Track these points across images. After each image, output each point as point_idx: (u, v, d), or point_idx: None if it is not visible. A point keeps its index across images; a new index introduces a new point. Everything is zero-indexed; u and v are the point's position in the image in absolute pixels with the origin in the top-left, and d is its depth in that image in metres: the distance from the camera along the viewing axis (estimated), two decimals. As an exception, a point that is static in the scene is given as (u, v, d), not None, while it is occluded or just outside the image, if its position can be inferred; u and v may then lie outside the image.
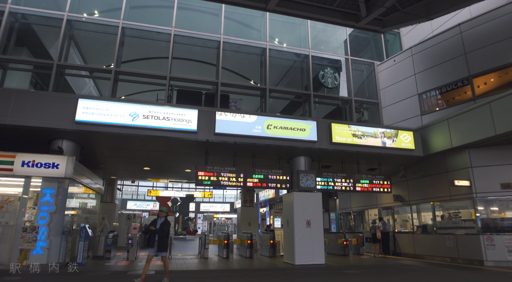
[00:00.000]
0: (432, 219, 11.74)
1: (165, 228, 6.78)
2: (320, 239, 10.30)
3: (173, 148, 10.17)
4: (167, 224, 6.89)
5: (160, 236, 6.65)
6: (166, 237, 6.82)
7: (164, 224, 6.81)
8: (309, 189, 10.59)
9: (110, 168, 12.79)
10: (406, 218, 13.28)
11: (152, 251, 6.74)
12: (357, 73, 16.40)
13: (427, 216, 12.29)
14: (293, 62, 15.51)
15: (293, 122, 10.23)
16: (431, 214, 11.91)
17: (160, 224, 6.79)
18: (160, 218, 6.91)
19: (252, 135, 9.63)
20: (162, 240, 6.71)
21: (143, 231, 7.28)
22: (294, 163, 11.12)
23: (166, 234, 6.84)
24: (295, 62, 15.46)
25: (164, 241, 6.75)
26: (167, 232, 6.85)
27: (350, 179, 11.68)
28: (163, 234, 6.70)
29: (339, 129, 10.67)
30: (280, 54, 14.70)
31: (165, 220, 6.90)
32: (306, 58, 14.70)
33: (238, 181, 10.31)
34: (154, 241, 6.69)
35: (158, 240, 6.66)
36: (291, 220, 10.32)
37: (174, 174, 13.96)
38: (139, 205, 37.87)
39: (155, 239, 6.68)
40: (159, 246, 6.67)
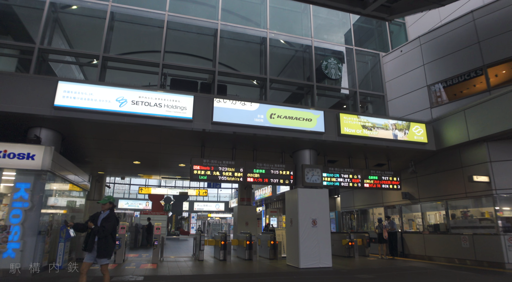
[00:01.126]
0: (445, 218, 10.94)
1: (107, 226, 4.90)
2: (327, 240, 9.42)
3: (165, 139, 9.19)
4: (112, 219, 5.04)
5: (100, 237, 4.87)
6: (110, 238, 5.02)
7: (107, 220, 4.97)
8: (315, 185, 9.71)
9: (97, 162, 11.75)
10: (415, 217, 12.47)
11: (89, 257, 4.94)
12: (361, 65, 15.57)
13: (439, 215, 11.50)
14: (295, 52, 14.64)
15: (298, 111, 9.34)
16: (443, 213, 11.11)
17: (101, 220, 4.99)
18: (104, 211, 5.14)
19: (254, 125, 8.71)
20: (104, 242, 4.91)
21: (70, 226, 5.39)
22: (298, 157, 10.22)
23: (111, 234, 5.04)
24: (297, 52, 14.58)
25: (106, 244, 4.94)
26: (110, 230, 4.97)
27: (358, 174, 10.83)
28: (103, 234, 4.86)
29: (347, 120, 9.80)
30: (280, 43, 13.81)
31: (109, 215, 5.09)
32: (308, 47, 13.83)
33: (237, 176, 9.38)
34: (93, 243, 4.88)
35: (98, 243, 4.87)
36: (295, 219, 9.42)
37: (167, 170, 12.96)
38: (131, 204, 36.68)
39: (94, 240, 4.89)
40: (100, 250, 4.87)
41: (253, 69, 13.65)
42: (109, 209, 5.19)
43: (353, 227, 16.14)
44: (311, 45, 13.76)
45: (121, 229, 10.32)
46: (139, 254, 12.70)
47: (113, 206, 5.30)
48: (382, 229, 11.77)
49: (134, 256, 11.92)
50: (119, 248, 9.85)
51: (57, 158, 8.03)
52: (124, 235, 10.16)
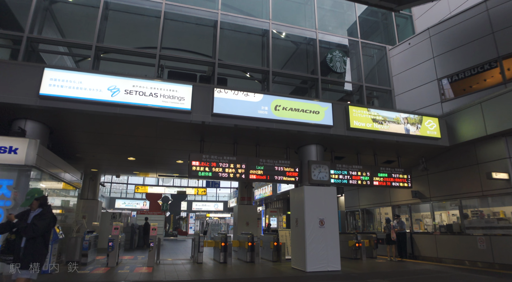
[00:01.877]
0: (459, 217, 10.33)
1: (40, 224, 3.82)
2: (335, 241, 8.79)
3: (162, 133, 8.53)
4: (46, 217, 3.96)
5: (28, 237, 3.79)
6: (41, 241, 3.91)
7: (40, 218, 3.91)
8: (322, 183, 9.08)
9: (89, 159, 11.06)
10: (426, 217, 11.86)
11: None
12: (366, 59, 14.95)
13: (451, 215, 10.89)
14: (298, 45, 14.00)
15: (305, 103, 8.70)
16: (456, 212, 10.51)
17: (32, 218, 3.92)
18: (32, 210, 4.02)
19: (257, 117, 8.07)
20: (32, 244, 3.82)
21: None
22: (303, 153, 9.58)
23: (43, 237, 3.94)
24: (300, 44, 13.95)
25: (34, 248, 3.82)
26: (43, 230, 3.87)
27: (367, 172, 10.21)
28: (33, 233, 3.77)
29: (357, 113, 9.18)
30: (283, 35, 13.17)
31: (42, 212, 4.01)
32: (312, 40, 13.20)
33: (239, 173, 8.74)
34: (20, 248, 3.76)
35: (25, 247, 3.78)
36: (301, 219, 8.79)
37: (164, 167, 12.29)
38: (128, 204, 36.01)
39: (20, 244, 3.77)
40: (25, 257, 3.74)
41: (255, 62, 13.02)
42: (40, 205, 4.08)
43: (358, 228, 15.53)
44: (315, 37, 13.13)
45: (115, 230, 9.66)
46: (135, 256, 12.04)
47: (43, 202, 4.13)
48: (390, 229, 11.11)
49: (129, 258, 11.26)
50: (112, 250, 9.19)
51: (43, 152, 7.36)
52: (117, 236, 9.49)
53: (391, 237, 11.17)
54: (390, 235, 11.19)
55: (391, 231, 11.14)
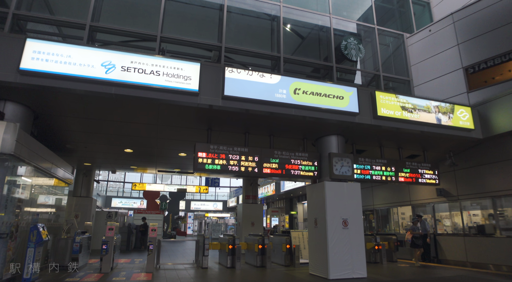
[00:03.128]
0: (492, 217, 9.32)
1: None
2: (360, 244, 7.75)
3: (164, 120, 7.44)
4: None
5: None
6: None
7: None
8: (345, 178, 8.03)
9: (81, 150, 9.93)
10: (452, 217, 10.83)
11: None
12: (381, 48, 13.91)
13: (483, 215, 9.87)
14: (310, 30, 12.94)
15: (328, 87, 7.65)
16: (489, 212, 9.50)
17: None
18: None
19: (274, 102, 7.00)
20: None
21: None
22: (322, 145, 8.53)
23: None
24: (312, 30, 12.89)
25: None
26: None
27: (392, 167, 9.18)
28: None
29: (384, 99, 8.14)
30: (294, 19, 12.11)
31: None
32: (325, 25, 12.16)
33: (251, 167, 7.67)
34: None
35: None
36: (321, 219, 7.73)
37: (165, 160, 11.17)
38: (125, 203, 34.82)
39: None
40: None
41: (264, 48, 11.96)
42: None
43: (372, 229, 14.49)
44: (328, 21, 12.08)
45: (109, 230, 8.57)
46: (131, 260, 10.94)
47: None
48: (417, 230, 9.92)
49: (125, 262, 10.16)
50: (106, 253, 8.10)
51: (25, 139, 6.25)
52: (112, 237, 8.40)
53: (419, 239, 9.85)
54: (419, 237, 9.85)
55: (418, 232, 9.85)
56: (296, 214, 28.29)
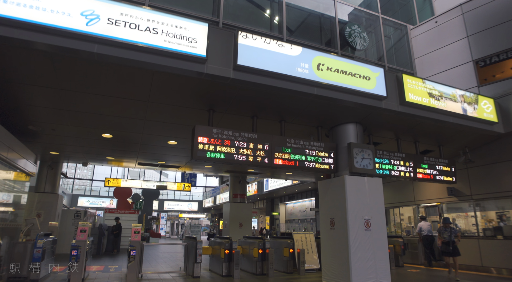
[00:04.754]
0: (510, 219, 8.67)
1: None
2: (384, 248, 6.73)
3: (157, 94, 6.01)
4: None
5: None
6: None
7: None
8: (366, 172, 6.98)
9: (47, 134, 8.15)
10: (464, 218, 10.14)
11: None
12: (384, 39, 13.15)
13: (498, 216, 9.22)
14: (308, 15, 11.88)
15: (353, 65, 6.57)
16: (509, 213, 8.85)
17: None
18: None
19: (296, 77, 5.80)
20: None
21: None
22: (338, 134, 7.44)
23: None
24: (310, 15, 11.84)
25: None
26: None
27: (410, 162, 8.26)
28: None
29: (412, 83, 7.19)
30: (294, 3, 11.02)
31: None
32: (328, 9, 11.16)
33: (261, 156, 6.42)
34: None
35: None
36: (340, 219, 6.63)
37: (149, 150, 9.54)
38: (93, 202, 32.23)
39: None
40: None
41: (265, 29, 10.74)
42: None
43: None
44: (333, 5, 11.09)
45: (81, 232, 6.99)
46: (105, 267, 9.30)
47: None
48: (451, 233, 7.97)
49: (98, 270, 8.54)
50: (77, 261, 6.52)
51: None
52: (85, 241, 6.83)
53: (450, 244, 7.91)
54: (450, 242, 7.90)
55: (450, 236, 8.22)
56: (278, 215, 27.25)
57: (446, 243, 7.92)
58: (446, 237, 7.92)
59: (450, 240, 7.85)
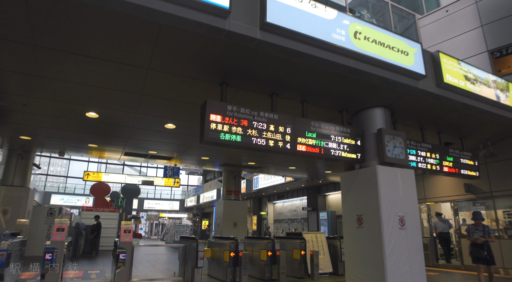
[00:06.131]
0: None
1: None
2: (419, 249, 5.86)
3: (161, 60, 4.86)
4: None
5: None
6: None
7: None
8: (398, 163, 6.11)
9: (17, 111, 6.70)
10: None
11: None
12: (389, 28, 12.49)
13: None
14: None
15: (391, 37, 5.66)
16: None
17: None
18: None
19: (332, 44, 4.81)
20: None
21: None
22: (364, 120, 6.53)
23: None
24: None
25: None
26: None
27: (436, 153, 7.48)
28: None
29: (448, 64, 6.38)
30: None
31: None
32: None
33: (282, 141, 5.39)
34: None
35: None
36: (371, 216, 5.71)
37: (140, 137, 8.15)
38: (67, 200, 30.10)
39: None
40: None
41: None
42: None
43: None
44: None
45: (57, 231, 5.72)
46: (84, 272, 7.97)
47: None
48: (487, 233, 6.57)
49: (76, 277, 7.22)
50: (51, 267, 5.25)
51: None
52: (62, 242, 5.56)
53: (484, 248, 6.47)
54: (483, 245, 6.47)
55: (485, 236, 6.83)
56: (266, 215, 26.27)
57: (479, 246, 6.49)
58: (477, 238, 6.53)
59: (484, 243, 6.46)
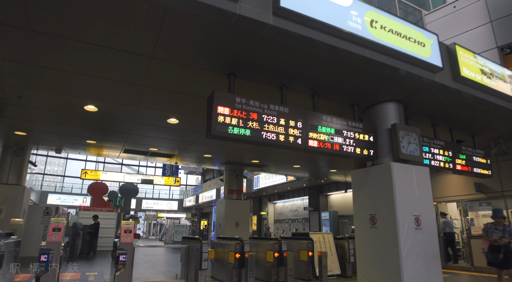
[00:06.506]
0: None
1: None
2: (435, 251, 5.58)
3: (165, 47, 4.55)
4: None
5: None
6: None
7: None
8: (413, 160, 5.83)
9: (12, 104, 6.32)
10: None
11: None
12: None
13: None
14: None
15: (407, 26, 5.38)
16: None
17: None
18: None
19: (347, 32, 4.52)
20: None
21: None
22: (376, 115, 6.24)
23: None
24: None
25: None
26: None
27: (449, 151, 7.21)
28: None
29: (464, 56, 6.11)
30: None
31: None
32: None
33: (293, 135, 5.10)
34: None
35: None
36: (386, 215, 5.42)
37: (140, 132, 7.80)
38: (64, 200, 29.65)
39: None
40: None
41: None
42: None
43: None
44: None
45: (53, 232, 5.40)
46: (82, 274, 7.65)
47: None
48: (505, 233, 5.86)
49: (73, 279, 6.89)
50: (46, 270, 4.93)
51: None
52: (58, 243, 5.24)
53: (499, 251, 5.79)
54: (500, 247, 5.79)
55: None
56: (267, 215, 25.97)
57: (495, 249, 5.81)
58: (497, 238, 5.81)
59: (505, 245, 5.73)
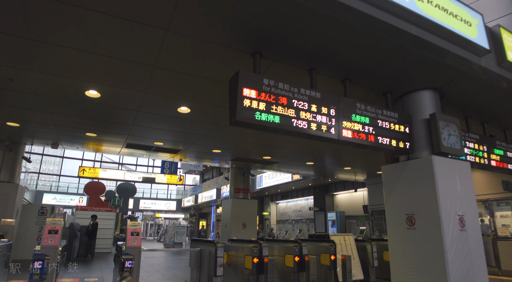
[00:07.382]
0: None
1: None
2: (481, 254, 4.99)
3: (181, 19, 3.91)
4: None
5: None
6: None
7: None
8: (455, 153, 5.23)
9: (3, 89, 5.71)
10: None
11: None
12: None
13: None
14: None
15: (453, 3, 4.78)
16: None
17: None
18: None
19: (396, 3, 3.92)
20: None
21: None
22: (411, 104, 5.65)
23: None
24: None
25: None
26: None
27: (484, 145, 6.64)
28: None
29: (509, 40, 5.53)
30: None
31: None
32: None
33: (326, 124, 4.48)
34: None
35: None
36: (426, 215, 4.82)
37: (146, 124, 7.16)
38: (60, 200, 28.91)
39: None
40: None
41: None
42: None
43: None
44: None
45: (49, 234, 4.73)
46: (80, 280, 6.96)
47: None
48: None
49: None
50: (41, 278, 4.26)
51: None
52: (55, 247, 4.58)
53: None
54: None
55: None
56: (269, 216, 25.36)
57: None
58: None
59: None
